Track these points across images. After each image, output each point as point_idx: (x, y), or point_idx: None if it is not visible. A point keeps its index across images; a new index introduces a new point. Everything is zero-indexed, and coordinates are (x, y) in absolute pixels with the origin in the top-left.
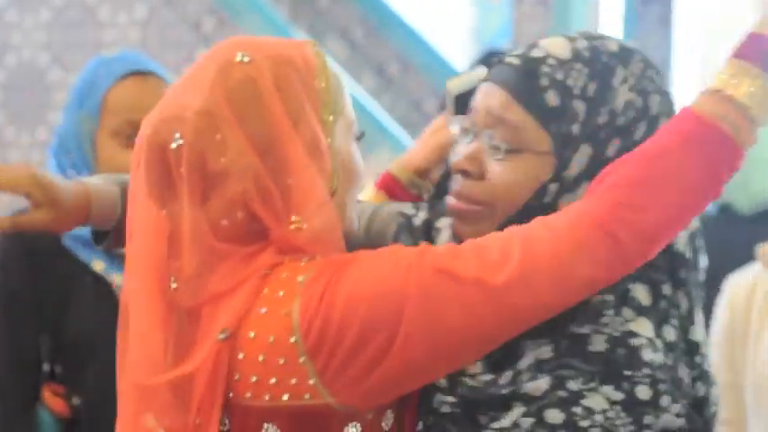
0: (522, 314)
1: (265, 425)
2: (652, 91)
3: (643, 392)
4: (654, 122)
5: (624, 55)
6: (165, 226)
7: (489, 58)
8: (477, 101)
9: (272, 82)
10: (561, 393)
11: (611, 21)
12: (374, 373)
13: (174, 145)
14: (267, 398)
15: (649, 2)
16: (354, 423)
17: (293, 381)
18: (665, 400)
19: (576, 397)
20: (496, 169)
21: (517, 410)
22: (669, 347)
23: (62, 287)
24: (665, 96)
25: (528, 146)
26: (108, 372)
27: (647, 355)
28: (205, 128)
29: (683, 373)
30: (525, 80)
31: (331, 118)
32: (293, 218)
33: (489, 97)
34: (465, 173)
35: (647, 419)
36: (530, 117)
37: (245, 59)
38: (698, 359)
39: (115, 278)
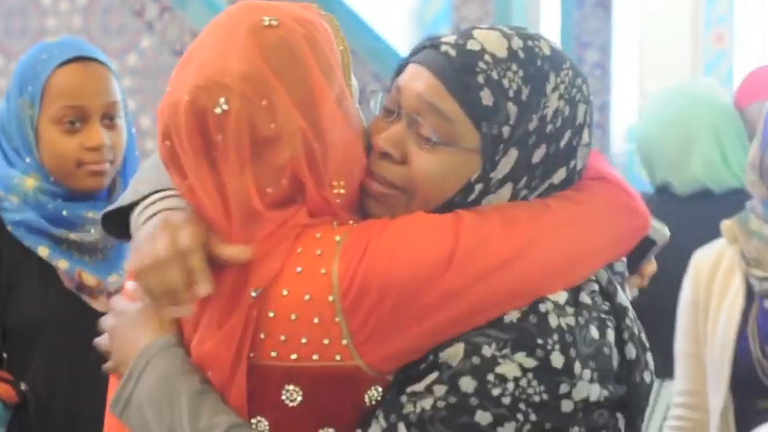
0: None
1: (287, 386)
2: (579, 100)
3: (557, 360)
4: (578, 132)
5: (556, 60)
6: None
7: None
8: (405, 81)
9: (304, 43)
10: (475, 360)
11: (550, 5)
12: (409, 334)
13: (218, 110)
14: (294, 357)
15: None
16: (376, 386)
17: (326, 341)
18: (577, 367)
19: (490, 364)
20: (421, 158)
21: (431, 376)
22: (581, 309)
23: (7, 273)
24: (590, 106)
25: (457, 141)
26: (54, 357)
27: (554, 320)
28: (252, 94)
29: (610, 338)
30: (461, 74)
31: (353, 81)
32: (334, 182)
33: (420, 81)
34: (386, 155)
35: (563, 388)
36: (462, 112)
37: (274, 23)
38: (627, 322)
39: (60, 264)
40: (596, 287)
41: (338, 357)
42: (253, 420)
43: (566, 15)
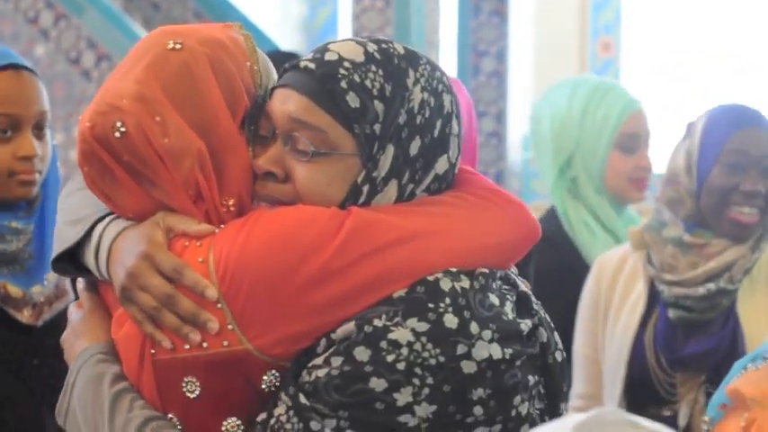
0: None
1: (185, 378)
2: (442, 90)
3: (450, 321)
4: (448, 120)
5: (412, 57)
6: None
7: (283, 60)
8: (274, 106)
9: (207, 65)
10: (367, 329)
11: (448, 14)
12: (292, 314)
13: (117, 134)
14: (187, 347)
15: None
16: (272, 371)
17: None
18: (473, 327)
19: (382, 332)
20: (302, 171)
21: (329, 351)
22: (478, 276)
23: None
24: (454, 97)
25: (334, 148)
26: None
27: (446, 285)
28: (144, 112)
29: (508, 309)
30: (324, 84)
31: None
32: (225, 200)
33: (287, 103)
34: (270, 175)
35: (461, 348)
36: (333, 120)
37: (177, 46)
38: (534, 307)
39: (7, 288)
40: (495, 272)
41: (226, 343)
42: (169, 416)
43: (462, 24)
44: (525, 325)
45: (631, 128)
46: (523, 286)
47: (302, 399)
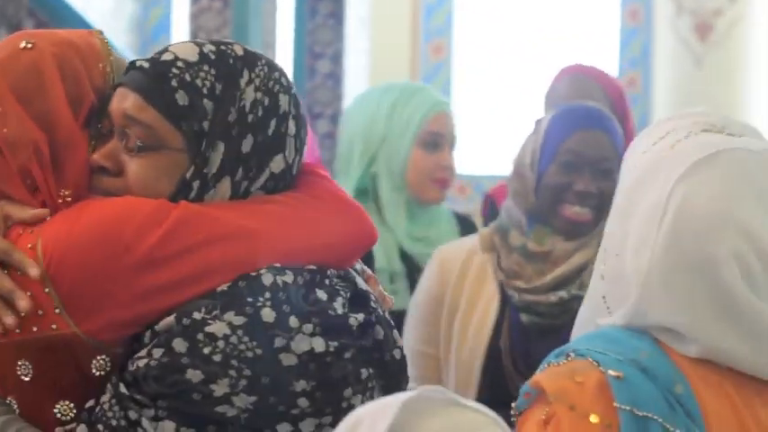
0: None
1: (19, 361)
2: (279, 91)
3: (267, 315)
4: (283, 119)
5: (250, 59)
6: None
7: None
8: (113, 105)
9: (54, 64)
10: (185, 322)
11: (285, 16)
12: (117, 300)
13: None
14: (18, 331)
15: None
16: (102, 356)
17: (40, 311)
18: (293, 321)
19: (199, 325)
20: (132, 165)
21: (152, 344)
22: (303, 271)
23: None
24: (293, 97)
25: (162, 143)
26: None
27: (268, 279)
28: None
29: (338, 305)
30: (155, 82)
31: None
32: (62, 191)
33: (123, 101)
34: (103, 169)
35: (278, 341)
36: (161, 117)
37: (29, 45)
38: (372, 305)
39: None
40: (325, 269)
41: (54, 326)
42: (7, 400)
43: (299, 26)
44: (355, 319)
45: (435, 127)
46: (363, 285)
47: (122, 388)
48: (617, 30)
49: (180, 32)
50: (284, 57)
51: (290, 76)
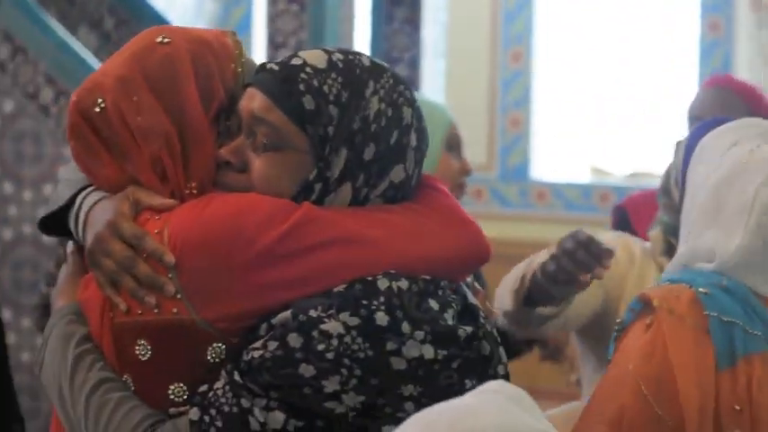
0: None
1: (138, 341)
2: (402, 103)
3: (381, 319)
4: (405, 131)
5: (376, 70)
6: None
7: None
8: (242, 104)
9: (189, 60)
10: (301, 318)
11: (362, 21)
12: (234, 291)
13: (97, 109)
14: (140, 312)
15: (398, 4)
16: (218, 343)
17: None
18: (405, 327)
19: (315, 322)
20: (257, 162)
21: (268, 336)
22: (419, 281)
23: None
24: (416, 110)
25: (287, 144)
26: None
27: (383, 284)
28: (122, 91)
29: (449, 316)
30: (284, 85)
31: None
32: (190, 184)
33: (252, 100)
34: (228, 164)
35: (390, 345)
36: (288, 118)
37: (165, 41)
38: (481, 320)
39: None
40: (439, 281)
41: (175, 311)
42: (123, 378)
43: (375, 31)
44: (464, 330)
45: (456, 131)
46: (473, 299)
47: (237, 376)
48: (696, 41)
49: (259, 33)
50: None
51: None
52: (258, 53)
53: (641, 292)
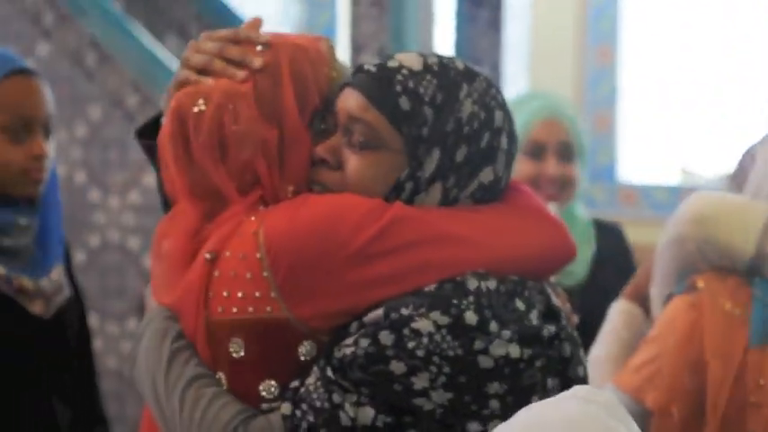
0: None
1: (232, 339)
2: (494, 107)
3: (470, 318)
4: (497, 134)
5: (469, 73)
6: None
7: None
8: (340, 103)
9: (287, 65)
10: (393, 316)
11: (444, 23)
12: (329, 289)
13: (196, 109)
14: (235, 311)
15: (480, 5)
16: (310, 341)
17: (257, 293)
18: (493, 326)
19: (406, 320)
20: (353, 161)
21: (359, 333)
22: (507, 281)
23: None
24: (507, 114)
25: (382, 143)
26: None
27: (473, 284)
28: (224, 101)
29: (534, 317)
30: (381, 85)
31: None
32: (289, 188)
33: (349, 100)
34: (323, 162)
35: (478, 344)
36: (384, 118)
37: (265, 48)
38: (562, 322)
39: (21, 282)
40: (526, 281)
41: (269, 309)
42: (217, 375)
43: (459, 33)
44: (548, 330)
45: (538, 135)
46: (556, 300)
47: (329, 372)
48: None
49: (343, 37)
50: None
51: None
52: (341, 56)
53: (690, 277)
